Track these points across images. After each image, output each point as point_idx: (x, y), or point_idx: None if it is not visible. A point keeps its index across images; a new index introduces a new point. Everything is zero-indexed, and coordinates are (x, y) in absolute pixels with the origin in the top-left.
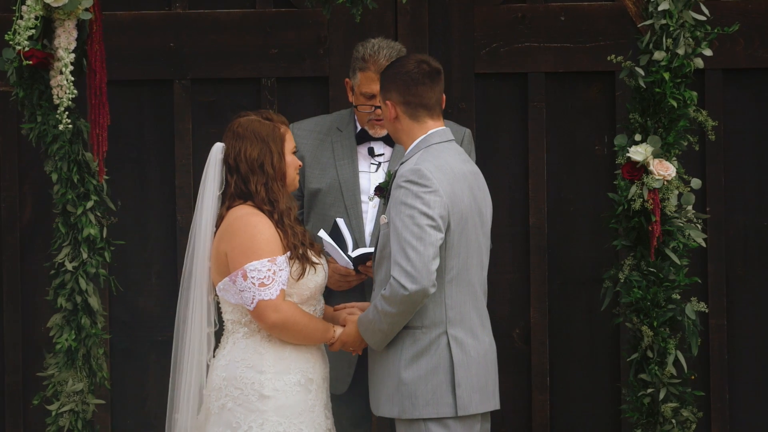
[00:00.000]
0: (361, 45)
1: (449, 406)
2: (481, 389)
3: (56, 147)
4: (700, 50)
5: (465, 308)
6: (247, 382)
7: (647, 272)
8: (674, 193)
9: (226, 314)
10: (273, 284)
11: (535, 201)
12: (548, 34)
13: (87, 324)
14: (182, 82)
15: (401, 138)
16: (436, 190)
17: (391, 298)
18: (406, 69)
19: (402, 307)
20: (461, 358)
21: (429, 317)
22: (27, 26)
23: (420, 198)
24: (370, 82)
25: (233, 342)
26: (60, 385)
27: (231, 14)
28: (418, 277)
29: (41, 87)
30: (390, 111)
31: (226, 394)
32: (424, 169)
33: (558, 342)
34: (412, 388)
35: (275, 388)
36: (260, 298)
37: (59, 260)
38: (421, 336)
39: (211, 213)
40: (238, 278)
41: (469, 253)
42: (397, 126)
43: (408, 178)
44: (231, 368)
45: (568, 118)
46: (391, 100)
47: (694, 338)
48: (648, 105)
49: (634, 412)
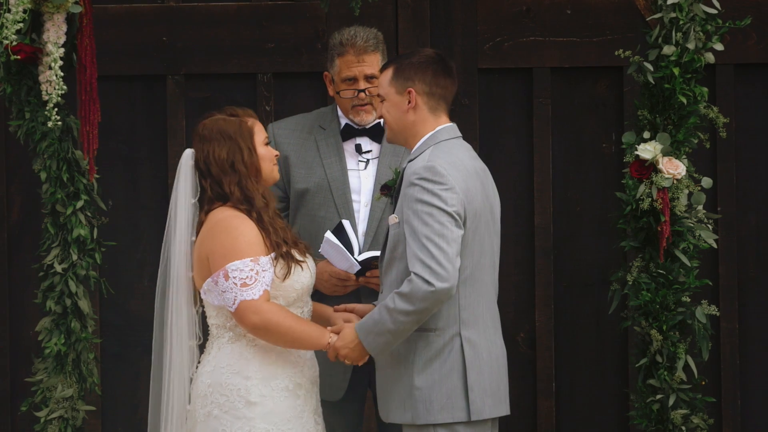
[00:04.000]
0: (337, 32)
1: (463, 410)
2: (493, 393)
3: (45, 145)
4: (711, 45)
5: (478, 309)
6: (233, 389)
7: (656, 274)
8: (684, 193)
9: (210, 318)
10: (255, 284)
11: (540, 200)
12: (554, 27)
13: (77, 328)
14: (175, 78)
15: (403, 132)
16: (452, 186)
17: (411, 295)
18: (432, 59)
19: (423, 304)
20: (474, 361)
21: (443, 319)
22: (15, 20)
23: (437, 195)
24: (349, 66)
25: (218, 347)
26: (49, 391)
27: (226, 7)
28: (444, 274)
29: (29, 83)
30: (411, 99)
31: (212, 401)
32: (438, 166)
33: (564, 346)
34: (426, 393)
35: (262, 394)
36: (242, 299)
37: (48, 262)
38: (435, 339)
39: (186, 222)
40: (219, 278)
41: (482, 252)
42: (409, 117)
43: (422, 175)
44: (216, 374)
45: (575, 114)
46: (414, 88)
47: (705, 342)
48: (657, 101)
49: (643, 419)
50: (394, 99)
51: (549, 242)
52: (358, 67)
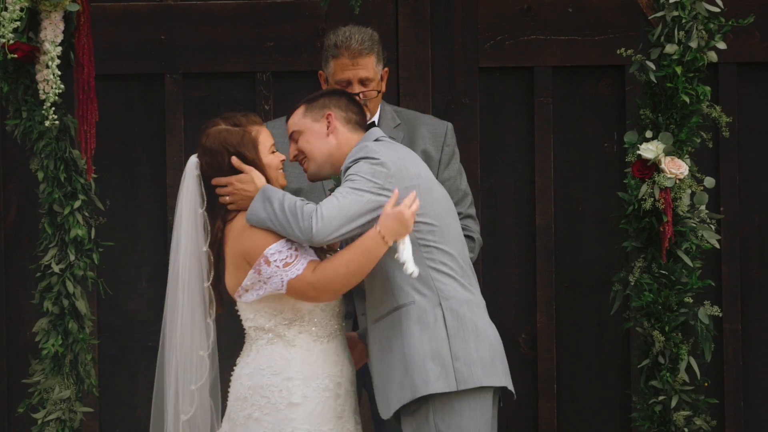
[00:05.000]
0: (332, 33)
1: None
2: (483, 363)
3: (42, 144)
4: (714, 43)
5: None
6: (274, 390)
7: (658, 275)
8: (687, 193)
9: (247, 322)
10: (297, 261)
11: (541, 200)
12: (555, 26)
13: (74, 329)
14: (173, 77)
15: (328, 158)
16: (384, 162)
17: (301, 216)
18: (341, 91)
19: (295, 230)
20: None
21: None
22: (12, 18)
23: (370, 163)
24: (344, 69)
25: (256, 350)
26: (46, 393)
27: (224, 5)
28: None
29: (27, 82)
30: (330, 122)
31: (252, 404)
32: (371, 145)
33: (565, 347)
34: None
35: (304, 394)
36: (289, 278)
37: (45, 262)
38: (418, 308)
39: (194, 231)
40: (261, 266)
41: (441, 221)
42: (331, 141)
43: (355, 156)
44: (256, 377)
45: (576, 114)
46: (332, 112)
47: (708, 344)
48: (659, 100)
49: (645, 421)
50: (312, 128)
51: (550, 242)
52: (353, 71)
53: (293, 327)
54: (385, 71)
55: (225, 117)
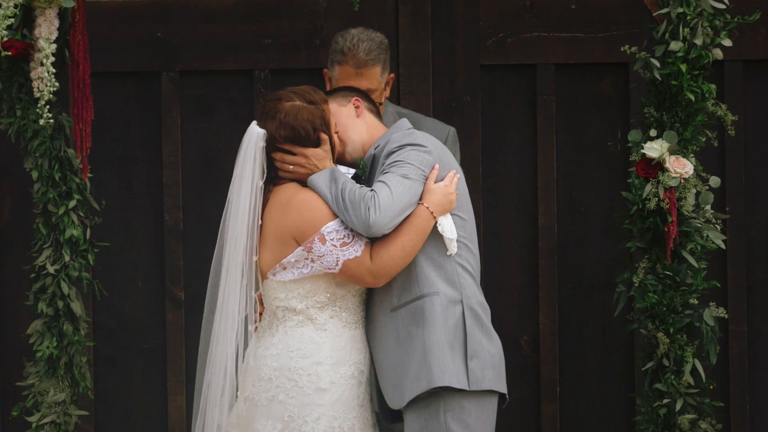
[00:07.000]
0: (340, 36)
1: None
2: (494, 367)
3: (37, 143)
4: (719, 40)
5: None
6: (303, 374)
7: (663, 276)
8: (691, 192)
9: (275, 301)
10: (354, 242)
11: (544, 200)
12: (558, 23)
13: (69, 330)
14: (170, 74)
15: (360, 138)
16: (431, 151)
17: (356, 203)
18: (357, 89)
19: (355, 218)
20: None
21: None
22: (6, 15)
23: (417, 149)
24: (348, 78)
25: (284, 331)
26: (41, 396)
27: (222, 2)
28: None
29: (21, 79)
30: (357, 105)
31: (278, 386)
32: (416, 133)
33: (568, 349)
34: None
35: (332, 380)
36: (345, 258)
37: (40, 263)
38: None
39: (252, 206)
40: (315, 244)
41: (472, 221)
42: (360, 122)
43: (402, 142)
44: (284, 358)
45: (580, 112)
46: (358, 98)
47: (713, 346)
48: (664, 98)
49: (649, 424)
50: (340, 111)
51: (553, 243)
52: (356, 81)
53: (325, 311)
54: (391, 77)
55: (295, 91)
